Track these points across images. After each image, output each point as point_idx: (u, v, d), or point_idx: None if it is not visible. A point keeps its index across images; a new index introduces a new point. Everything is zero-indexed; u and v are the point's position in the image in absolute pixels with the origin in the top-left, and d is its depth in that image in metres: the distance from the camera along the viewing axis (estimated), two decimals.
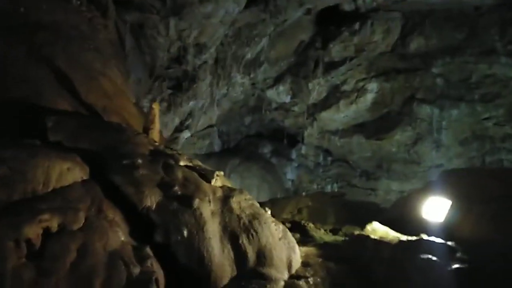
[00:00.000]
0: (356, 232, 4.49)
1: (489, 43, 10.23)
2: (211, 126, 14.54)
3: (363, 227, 4.60)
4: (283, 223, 5.20)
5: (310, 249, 3.82)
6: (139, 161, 2.64)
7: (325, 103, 13.58)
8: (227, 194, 2.92)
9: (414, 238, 3.80)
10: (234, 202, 2.88)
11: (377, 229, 4.45)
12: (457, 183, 4.96)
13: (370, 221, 4.64)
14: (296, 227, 5.20)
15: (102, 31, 4.80)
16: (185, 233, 2.37)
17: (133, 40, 7.15)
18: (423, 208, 4.73)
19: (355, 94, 12.81)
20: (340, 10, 12.13)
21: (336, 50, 12.67)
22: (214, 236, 2.43)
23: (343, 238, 4.71)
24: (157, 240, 2.33)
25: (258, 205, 2.97)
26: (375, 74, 12.50)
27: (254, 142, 17.59)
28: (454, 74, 11.01)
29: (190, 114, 10.67)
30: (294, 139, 16.42)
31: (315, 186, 16.08)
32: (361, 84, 12.72)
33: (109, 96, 3.56)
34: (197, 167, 3.16)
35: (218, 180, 3.01)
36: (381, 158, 13.95)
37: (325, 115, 13.70)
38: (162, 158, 2.87)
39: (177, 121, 10.23)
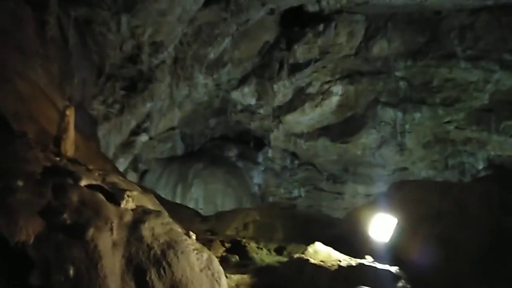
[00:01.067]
0: (296, 255, 4.18)
1: (450, 48, 10.29)
2: (172, 128, 13.99)
3: (309, 244, 4.31)
4: (223, 242, 4.84)
5: (243, 277, 3.48)
6: (19, 183, 2.15)
7: (291, 106, 13.36)
8: (138, 219, 2.43)
9: (355, 262, 3.52)
10: (146, 228, 2.37)
11: (319, 251, 4.17)
12: (404, 197, 4.66)
13: (320, 235, 4.34)
14: (236, 247, 4.89)
15: (31, 26, 4.24)
16: (71, 272, 1.90)
17: (78, 37, 6.58)
18: (370, 225, 4.44)
19: (320, 97, 12.66)
20: (304, 11, 11.93)
21: (300, 52, 12.48)
22: (112, 273, 1.98)
23: (285, 259, 4.40)
24: (33, 282, 1.84)
25: (178, 229, 2.52)
26: (340, 76, 12.39)
27: (220, 145, 17.16)
28: (416, 77, 11.03)
29: (148, 116, 10.13)
30: (261, 142, 16.12)
31: (282, 190, 15.84)
32: (326, 86, 12.57)
33: (24, 100, 3.07)
34: (109, 185, 2.65)
35: (130, 202, 2.53)
36: (347, 161, 13.87)
37: (290, 117, 13.47)
38: (56, 178, 2.36)
39: (133, 123, 9.69)
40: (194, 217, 6.33)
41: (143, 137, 10.46)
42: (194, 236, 2.70)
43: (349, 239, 4.48)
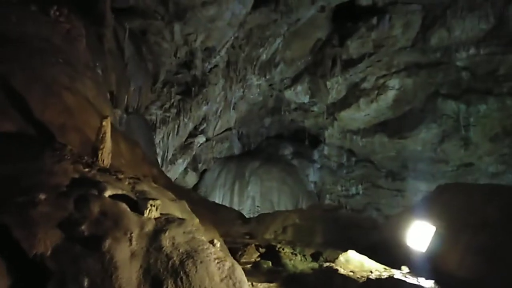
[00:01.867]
0: (326, 264, 4.11)
1: None
2: (229, 129, 14.43)
3: (348, 249, 4.23)
4: (258, 247, 4.83)
5: (270, 286, 3.48)
6: (41, 196, 2.32)
7: (345, 102, 13.14)
8: (160, 228, 2.44)
9: (387, 274, 3.39)
10: (167, 238, 2.40)
11: (351, 260, 4.06)
12: (446, 203, 4.27)
13: (361, 241, 4.26)
14: (270, 253, 4.82)
15: (82, 41, 4.67)
16: (86, 283, 2.04)
17: (133, 48, 7.09)
18: (408, 233, 4.19)
19: (376, 92, 12.29)
20: (356, 5, 11.67)
21: (353, 47, 12.21)
22: (129, 284, 2.07)
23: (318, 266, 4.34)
24: None
25: (201, 238, 2.52)
26: (396, 70, 11.94)
27: (275, 144, 17.36)
28: (481, 66, 10.30)
29: (204, 119, 10.57)
30: (316, 140, 16.03)
31: (339, 188, 15.65)
32: (381, 81, 12.18)
33: (71, 112, 3.35)
34: (137, 194, 2.75)
35: (154, 211, 2.59)
36: (406, 157, 13.34)
37: (345, 114, 13.25)
38: (81, 189, 2.50)
39: (191, 126, 10.16)
40: (236, 220, 6.38)
41: (201, 139, 10.93)
42: (218, 244, 2.74)
43: (388, 247, 4.29)
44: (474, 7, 9.61)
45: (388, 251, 4.06)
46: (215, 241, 2.74)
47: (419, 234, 3.97)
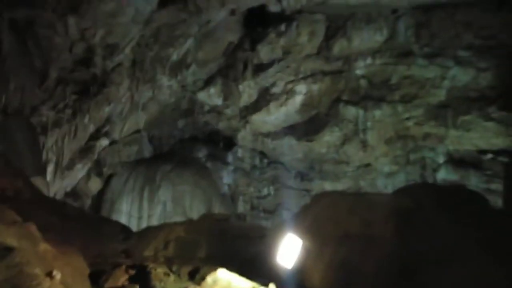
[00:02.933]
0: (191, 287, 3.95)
1: (407, 46, 10.50)
2: (138, 131, 13.80)
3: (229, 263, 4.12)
4: (127, 269, 4.43)
5: None
6: None
7: (256, 106, 13.39)
8: None
9: None
10: None
11: (219, 280, 3.85)
12: (316, 214, 4.21)
13: (244, 253, 4.21)
14: (140, 274, 4.38)
15: None
16: None
17: (15, 41, 6.37)
18: (279, 247, 4.03)
19: (285, 96, 12.73)
20: (266, 12, 11.96)
21: (264, 52, 12.52)
22: None
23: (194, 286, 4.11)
24: None
25: (33, 271, 2.21)
26: (303, 76, 12.48)
27: (189, 146, 17.06)
28: (376, 75, 11.21)
29: (108, 120, 9.93)
30: (230, 142, 16.09)
31: (252, 189, 15.88)
32: (290, 86, 12.64)
33: None
34: None
35: None
36: (313, 159, 14.01)
37: (256, 117, 13.50)
38: None
39: (92, 128, 9.47)
40: (117, 235, 5.80)
41: (104, 142, 10.26)
42: (59, 276, 2.46)
43: (264, 260, 4.25)
44: (370, 20, 10.42)
45: (263, 266, 4.05)
46: (55, 272, 2.41)
47: (289, 249, 3.92)
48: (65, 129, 8.42)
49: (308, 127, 13.13)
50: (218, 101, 14.05)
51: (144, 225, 14.38)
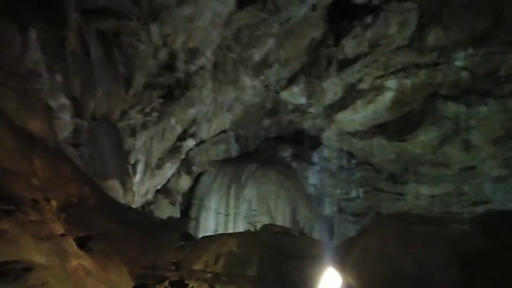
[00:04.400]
0: None
1: None
2: (224, 131, 14.17)
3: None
4: (169, 285, 4.21)
5: None
6: None
7: (342, 104, 12.74)
8: None
9: None
10: None
11: None
12: (363, 249, 3.62)
13: (296, 272, 3.77)
14: None
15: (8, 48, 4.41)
16: None
17: (102, 50, 6.87)
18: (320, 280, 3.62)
19: (373, 93, 11.88)
20: (351, 3, 11.27)
21: (349, 46, 11.82)
22: None
23: None
24: None
25: None
26: (394, 70, 11.50)
27: (274, 146, 17.05)
28: (480, 67, 9.80)
29: (194, 122, 10.31)
30: (316, 142, 15.66)
31: (338, 191, 15.27)
32: (378, 81, 11.76)
33: None
34: None
35: None
36: (406, 160, 12.88)
37: (342, 116, 12.85)
38: None
39: (179, 129, 9.92)
40: (174, 243, 5.71)
41: (190, 142, 10.69)
42: None
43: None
44: (470, 4, 9.13)
45: None
46: None
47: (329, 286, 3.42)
48: (152, 131, 8.95)
49: (400, 125, 12.08)
50: (302, 100, 13.71)
51: (231, 222, 14.75)
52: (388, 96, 11.56)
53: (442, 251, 2.97)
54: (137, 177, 9.10)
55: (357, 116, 12.52)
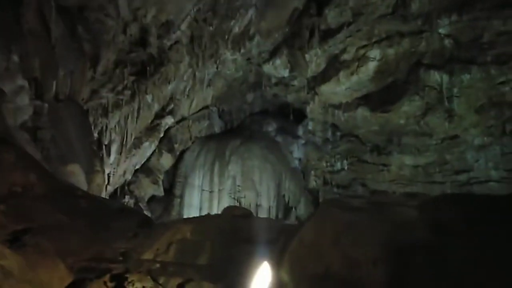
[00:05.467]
0: None
1: None
2: (206, 107, 13.87)
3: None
4: (108, 280, 3.90)
5: None
6: None
7: (325, 75, 12.47)
8: None
9: None
10: None
11: None
12: (301, 236, 3.30)
13: (242, 264, 3.52)
14: None
15: None
16: None
17: (64, 28, 6.44)
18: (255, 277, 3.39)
19: (356, 64, 11.62)
20: None
21: (332, 16, 11.48)
22: None
23: None
24: None
25: None
26: (377, 39, 11.22)
27: (258, 120, 16.88)
28: (464, 34, 9.58)
29: (171, 99, 9.98)
30: (301, 115, 15.49)
31: (324, 164, 15.24)
32: (361, 52, 11.49)
33: None
34: None
35: None
36: (390, 131, 12.80)
37: (325, 88, 12.60)
38: None
39: (156, 107, 9.60)
40: (128, 231, 5.06)
41: (169, 120, 10.39)
42: None
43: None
44: None
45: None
46: None
47: (262, 281, 3.19)
48: (126, 109, 8.62)
49: (383, 96, 11.90)
50: (285, 73, 13.42)
51: (216, 199, 14.69)
52: (371, 66, 11.34)
53: (374, 245, 2.73)
54: (112, 157, 8.84)
55: (340, 88, 12.30)
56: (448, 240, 2.54)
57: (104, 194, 8.02)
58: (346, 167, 14.72)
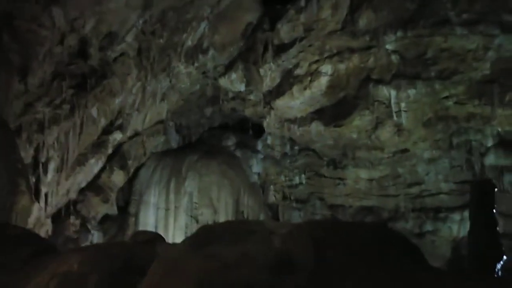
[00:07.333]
0: None
1: (443, 13, 9.04)
2: (161, 121, 13.55)
3: None
4: None
5: None
6: None
7: (279, 90, 12.50)
8: None
9: None
10: None
11: None
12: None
13: None
14: None
15: None
16: None
17: None
18: None
19: (309, 78, 11.70)
20: None
21: (284, 31, 11.58)
22: None
23: None
24: None
25: None
26: (329, 55, 11.36)
27: (218, 135, 16.71)
28: (410, 50, 9.85)
29: (120, 113, 9.63)
30: (261, 129, 15.43)
31: (282, 178, 15.21)
32: (314, 66, 11.59)
33: None
34: None
35: None
36: (344, 145, 12.95)
37: (280, 103, 12.60)
38: None
39: (103, 122, 9.22)
40: (16, 262, 4.53)
41: (117, 135, 10.01)
42: None
43: None
44: None
45: None
46: None
47: None
48: (66, 125, 8.21)
49: (336, 111, 12.03)
50: (241, 87, 13.34)
51: (171, 217, 14.27)
52: (323, 81, 11.46)
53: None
54: (49, 176, 8.34)
55: (294, 102, 12.32)
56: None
57: (35, 216, 7.49)
58: (304, 181, 14.75)
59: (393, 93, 10.44)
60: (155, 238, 5.20)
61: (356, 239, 3.09)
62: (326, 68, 11.41)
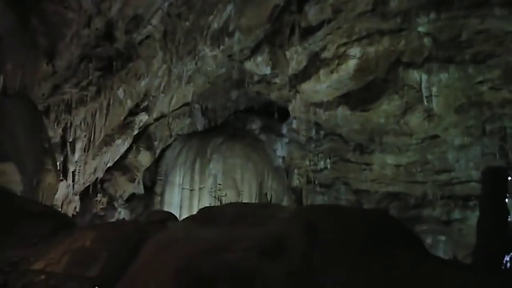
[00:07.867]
0: None
1: None
2: (187, 104, 13.67)
3: None
4: None
5: None
6: None
7: (305, 73, 12.29)
8: None
9: None
10: None
11: None
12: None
13: None
14: None
15: None
16: None
17: (15, 19, 6.22)
18: None
19: (336, 61, 11.43)
20: None
21: (312, 13, 11.25)
22: None
23: None
24: None
25: None
26: (358, 37, 11.02)
27: (243, 118, 16.71)
28: (443, 32, 9.41)
29: (146, 95, 9.77)
30: (285, 113, 15.32)
31: (307, 162, 15.12)
32: (342, 49, 11.29)
33: None
34: None
35: None
36: (371, 130, 12.68)
37: (306, 86, 12.41)
38: None
39: (129, 103, 9.38)
40: (34, 237, 4.68)
41: (143, 117, 10.17)
42: None
43: None
44: None
45: None
46: None
47: None
48: (93, 106, 8.42)
49: (363, 95, 11.75)
50: (266, 70, 13.19)
51: (196, 197, 14.52)
52: (351, 64, 11.16)
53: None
54: (76, 155, 8.63)
55: (321, 86, 12.10)
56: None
57: (63, 193, 7.80)
58: (329, 166, 14.61)
59: (424, 77, 10.06)
60: (168, 218, 5.31)
61: (354, 225, 3.08)
62: (355, 51, 11.09)
